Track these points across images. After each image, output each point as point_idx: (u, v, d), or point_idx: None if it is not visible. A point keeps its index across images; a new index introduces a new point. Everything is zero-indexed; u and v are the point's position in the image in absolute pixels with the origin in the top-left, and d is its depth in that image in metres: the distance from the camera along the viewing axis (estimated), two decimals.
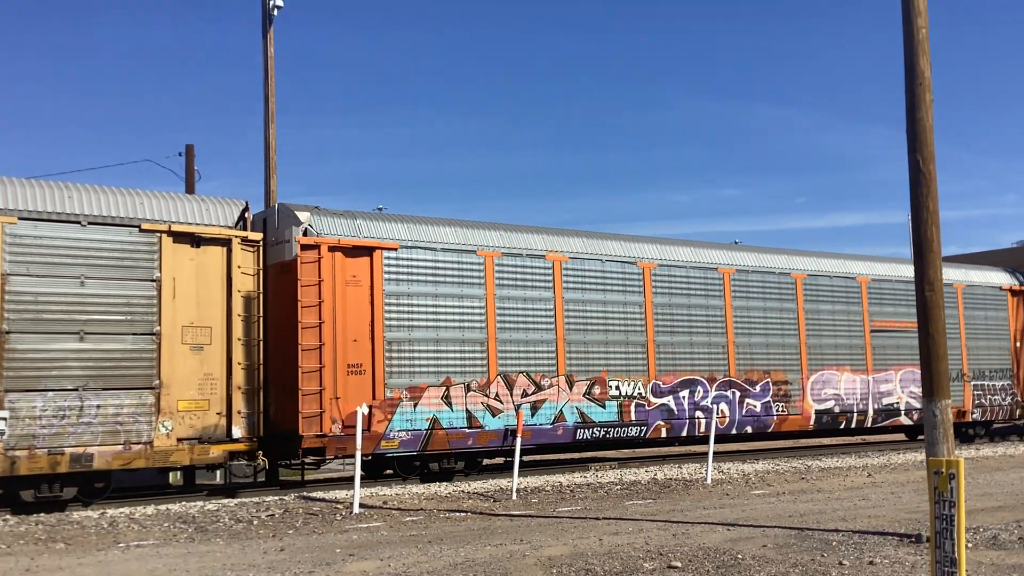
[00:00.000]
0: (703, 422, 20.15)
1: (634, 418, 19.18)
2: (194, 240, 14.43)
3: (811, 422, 21.94)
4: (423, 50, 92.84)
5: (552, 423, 18.07)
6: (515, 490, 14.97)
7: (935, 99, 10.16)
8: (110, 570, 9.17)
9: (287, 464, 16.05)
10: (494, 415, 17.39)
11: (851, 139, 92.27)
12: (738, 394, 20.76)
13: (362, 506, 13.30)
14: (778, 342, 21.67)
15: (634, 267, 19.70)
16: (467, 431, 17.03)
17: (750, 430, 20.95)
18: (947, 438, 9.74)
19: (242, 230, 15.00)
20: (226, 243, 14.68)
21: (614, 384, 19.00)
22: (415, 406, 16.51)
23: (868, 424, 23.01)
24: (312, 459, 15.83)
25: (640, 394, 19.33)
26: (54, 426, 13.16)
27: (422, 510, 13.27)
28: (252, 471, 15.19)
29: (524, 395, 17.82)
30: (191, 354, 14.27)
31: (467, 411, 17.08)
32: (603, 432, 18.77)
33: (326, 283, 15.75)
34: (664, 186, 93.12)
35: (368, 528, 11.67)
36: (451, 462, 17.22)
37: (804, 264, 22.60)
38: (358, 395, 15.93)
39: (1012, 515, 11.73)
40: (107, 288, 13.77)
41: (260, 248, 15.12)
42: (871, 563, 8.97)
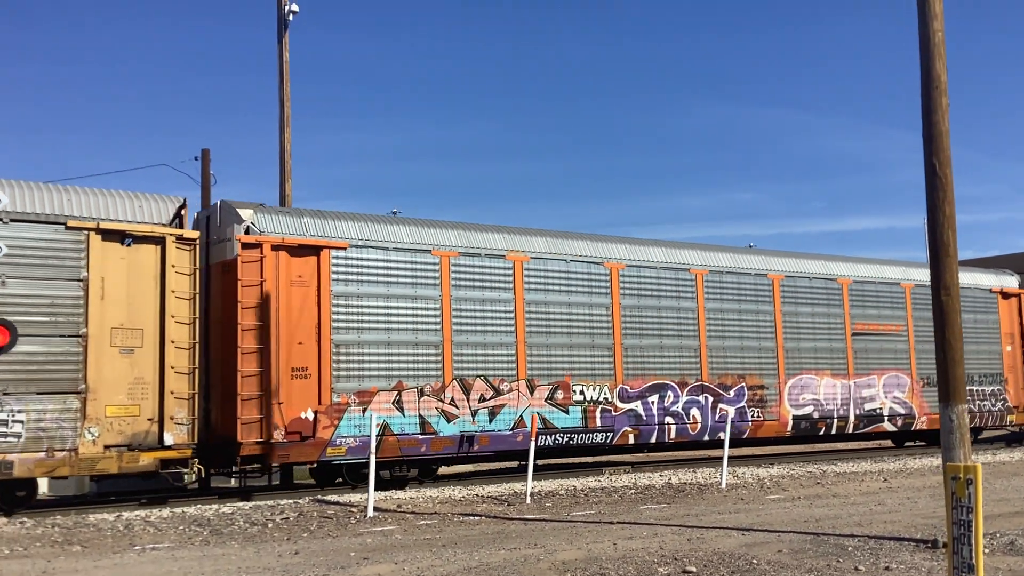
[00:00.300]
0: (673, 428, 19.47)
1: (599, 424, 18.51)
2: (125, 238, 13.83)
3: (788, 428, 21.23)
4: (442, 55, 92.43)
5: (511, 429, 17.40)
6: (529, 494, 14.90)
7: (951, 103, 10.14)
8: (126, 573, 9.23)
9: (227, 473, 15.41)
10: (449, 421, 16.73)
11: (868, 143, 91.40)
12: (711, 399, 20.06)
13: (376, 510, 13.35)
14: (754, 345, 20.97)
15: (601, 268, 19.03)
16: (420, 437, 16.38)
17: (723, 436, 20.22)
18: (964, 443, 9.74)
19: (178, 228, 14.39)
20: (159, 241, 14.07)
21: (578, 389, 18.33)
22: (364, 411, 15.86)
23: (849, 430, 22.28)
24: (251, 467, 15.19)
25: (606, 399, 18.65)
26: None
27: (436, 514, 13.29)
28: (195, 479, 14.57)
29: (482, 400, 17.16)
30: (121, 357, 13.66)
31: (420, 417, 16.43)
32: (566, 438, 18.10)
33: (269, 283, 15.14)
34: (679, 190, 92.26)
35: (382, 532, 11.67)
36: (404, 469, 16.57)
37: (782, 265, 21.89)
38: (303, 400, 15.31)
39: None
40: (30, 288, 13.16)
41: (196, 247, 14.50)
42: (887, 568, 8.90)
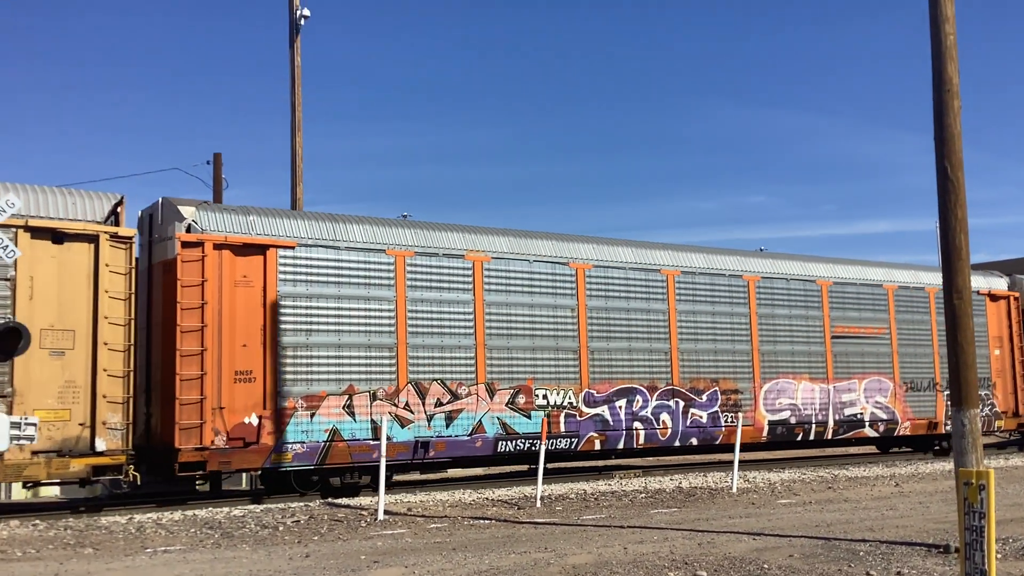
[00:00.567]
0: (642, 434, 18.89)
1: (564, 429, 17.93)
2: (56, 236, 13.33)
3: (764, 434, 20.62)
4: (450, 59, 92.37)
5: (470, 435, 16.85)
6: (539, 497, 14.85)
7: (963, 105, 10.10)
8: (138, 575, 9.21)
9: (169, 480, 14.88)
10: (403, 426, 16.18)
11: (879, 146, 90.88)
12: (682, 404, 19.47)
13: (387, 513, 13.39)
14: (728, 348, 20.38)
15: (566, 268, 18.47)
16: (372, 443, 15.83)
17: (695, 442, 19.65)
18: (976, 448, 9.65)
19: (113, 225, 13.89)
20: (93, 239, 13.56)
21: (541, 393, 17.77)
22: (312, 416, 15.33)
23: (828, 436, 21.65)
24: (188, 474, 14.65)
25: (571, 404, 18.08)
26: None
27: (446, 517, 13.29)
28: (127, 487, 14.03)
29: (438, 404, 16.61)
30: (50, 360, 13.15)
31: (372, 422, 15.88)
32: (528, 444, 17.53)
33: (211, 283, 14.63)
34: (690, 194, 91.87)
35: (393, 535, 11.66)
36: (355, 476, 16.02)
37: (757, 266, 21.30)
38: (246, 404, 14.79)
39: None
40: None
41: (133, 245, 14.00)
42: (899, 574, 8.86)
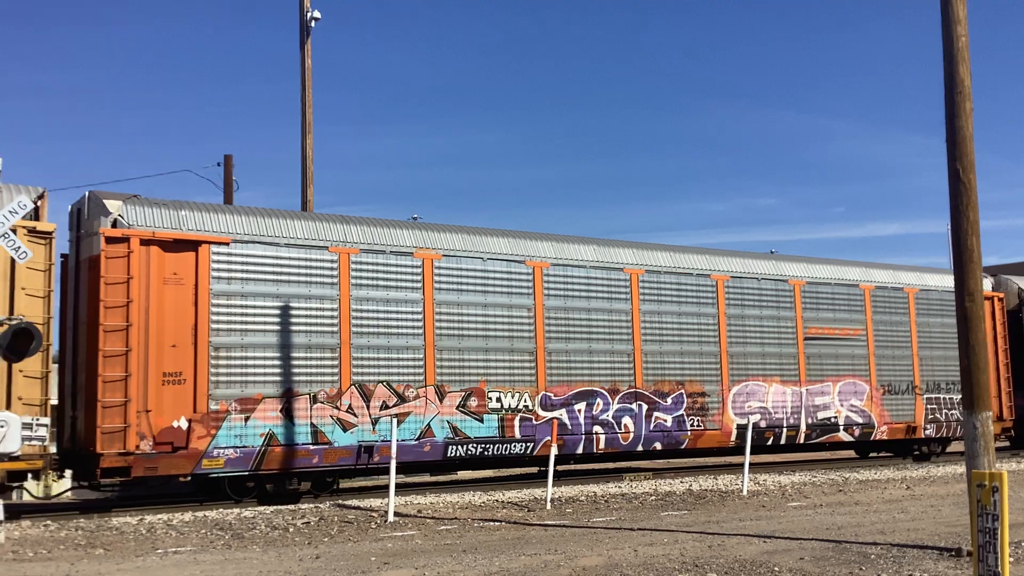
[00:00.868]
0: (603, 438, 18.23)
1: (519, 434, 17.28)
2: None
3: (732, 438, 19.93)
4: (459, 62, 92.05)
5: (417, 439, 16.20)
6: (549, 499, 14.82)
7: (975, 107, 10.07)
8: None
9: (94, 486, 14.26)
10: (346, 430, 15.54)
11: (889, 148, 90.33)
12: (645, 407, 18.81)
13: (396, 514, 13.41)
14: (695, 350, 19.72)
15: (523, 266, 17.83)
16: (311, 448, 15.19)
17: (659, 446, 18.99)
18: (988, 450, 9.63)
19: (32, 220, 13.29)
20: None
21: (494, 396, 17.12)
22: (247, 420, 14.69)
23: (800, 440, 20.97)
24: (110, 481, 14.03)
25: (526, 407, 17.43)
26: None
27: (456, 519, 13.25)
28: (43, 493, 13.41)
29: (384, 407, 15.97)
30: None
31: (312, 425, 15.25)
32: (480, 449, 16.88)
33: (137, 281, 14.01)
34: (700, 196, 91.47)
35: (403, 536, 11.64)
36: (294, 483, 15.38)
37: (727, 265, 20.64)
38: (175, 407, 14.17)
39: None
40: None
41: (53, 241, 13.40)
42: None
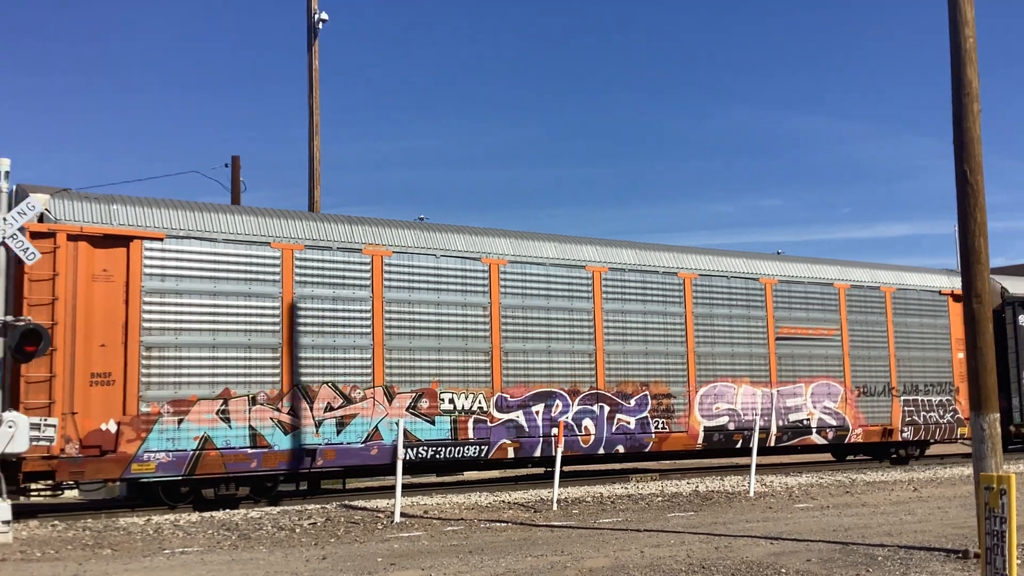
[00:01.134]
0: (561, 440, 17.61)
1: (472, 436, 16.71)
2: None
3: (699, 441, 19.36)
4: (464, 63, 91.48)
5: (364, 442, 15.63)
6: (555, 500, 14.82)
7: (982, 108, 10.11)
8: None
9: (18, 491, 13.69)
10: (287, 433, 14.98)
11: (897, 149, 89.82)
12: (607, 409, 18.23)
13: (403, 515, 13.38)
14: (660, 350, 19.14)
15: (478, 263, 17.26)
16: (250, 452, 14.63)
17: (622, 449, 18.41)
18: (996, 452, 9.64)
19: None
20: None
21: (447, 397, 16.55)
22: (180, 423, 14.13)
23: (771, 443, 20.38)
24: (37, 485, 13.48)
25: (481, 408, 16.86)
26: None
27: (463, 520, 13.28)
28: None
29: (329, 409, 15.40)
30: None
31: (251, 428, 14.68)
32: (432, 452, 16.32)
33: (64, 277, 13.46)
34: (707, 197, 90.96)
35: (409, 537, 11.66)
36: (231, 488, 14.82)
37: (695, 263, 20.06)
38: (104, 410, 13.61)
39: None
40: None
41: None
42: None
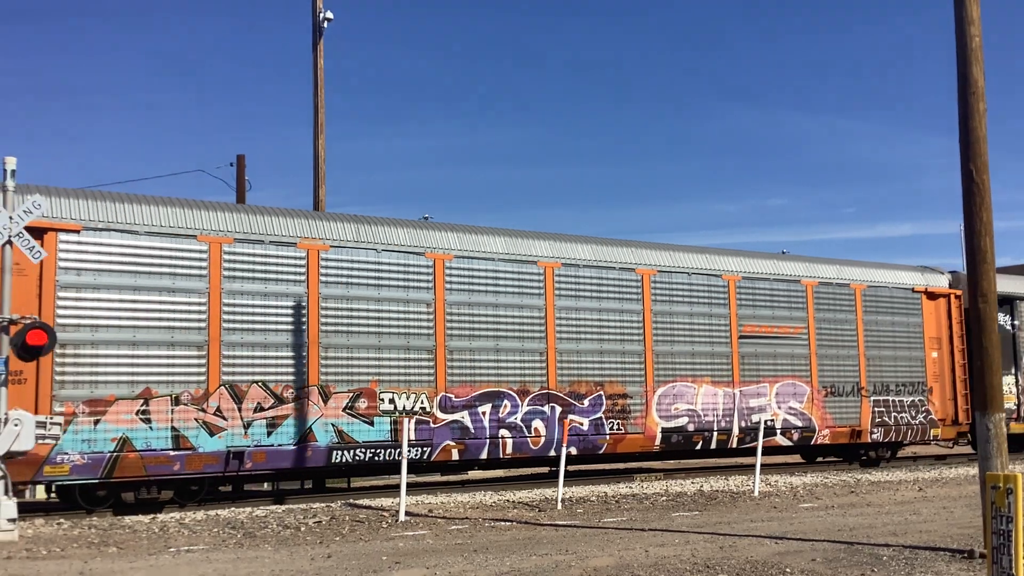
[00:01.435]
0: (510, 442, 17.01)
1: (414, 437, 16.08)
2: None
3: (657, 442, 18.73)
4: (466, 63, 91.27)
5: (297, 443, 15.00)
6: (560, 500, 14.83)
7: (988, 108, 10.06)
8: (161, 574, 9.22)
9: None
10: (213, 434, 14.35)
11: (901, 148, 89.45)
12: (559, 409, 17.60)
13: (408, 514, 13.41)
14: (616, 349, 18.52)
15: (422, 259, 16.65)
16: (172, 454, 13.99)
17: (574, 451, 17.76)
18: (1001, 452, 9.69)
19: None
20: None
21: (387, 397, 15.92)
22: (96, 423, 13.50)
23: (733, 444, 19.75)
24: None
25: (423, 409, 16.23)
26: None
27: (467, 519, 13.28)
28: None
29: (259, 409, 14.78)
30: None
31: (173, 429, 14.05)
32: (370, 454, 15.69)
33: None
34: (711, 197, 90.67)
35: (414, 536, 11.67)
36: (153, 491, 14.18)
37: (654, 259, 19.45)
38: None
39: None
40: None
41: None
42: None
